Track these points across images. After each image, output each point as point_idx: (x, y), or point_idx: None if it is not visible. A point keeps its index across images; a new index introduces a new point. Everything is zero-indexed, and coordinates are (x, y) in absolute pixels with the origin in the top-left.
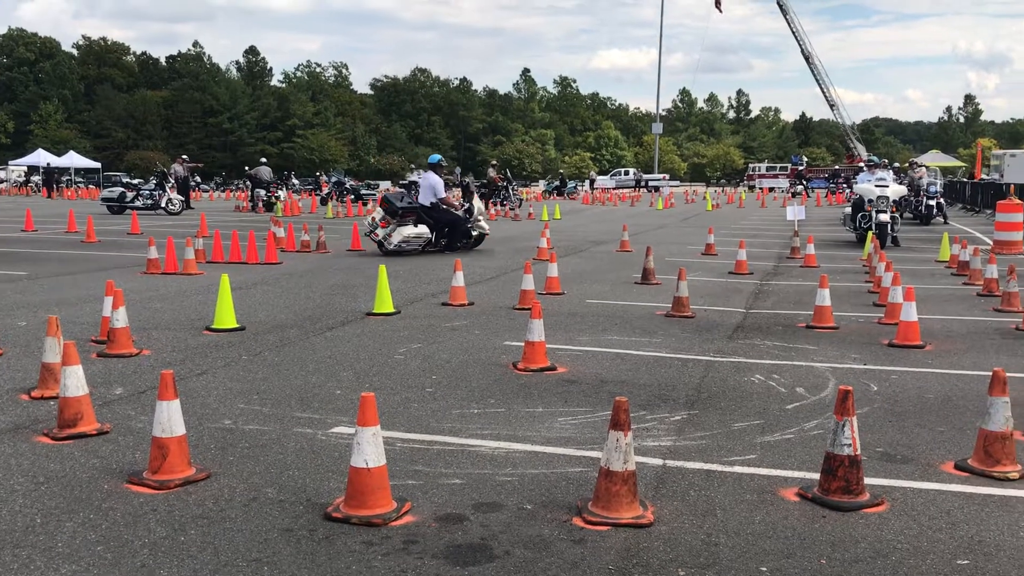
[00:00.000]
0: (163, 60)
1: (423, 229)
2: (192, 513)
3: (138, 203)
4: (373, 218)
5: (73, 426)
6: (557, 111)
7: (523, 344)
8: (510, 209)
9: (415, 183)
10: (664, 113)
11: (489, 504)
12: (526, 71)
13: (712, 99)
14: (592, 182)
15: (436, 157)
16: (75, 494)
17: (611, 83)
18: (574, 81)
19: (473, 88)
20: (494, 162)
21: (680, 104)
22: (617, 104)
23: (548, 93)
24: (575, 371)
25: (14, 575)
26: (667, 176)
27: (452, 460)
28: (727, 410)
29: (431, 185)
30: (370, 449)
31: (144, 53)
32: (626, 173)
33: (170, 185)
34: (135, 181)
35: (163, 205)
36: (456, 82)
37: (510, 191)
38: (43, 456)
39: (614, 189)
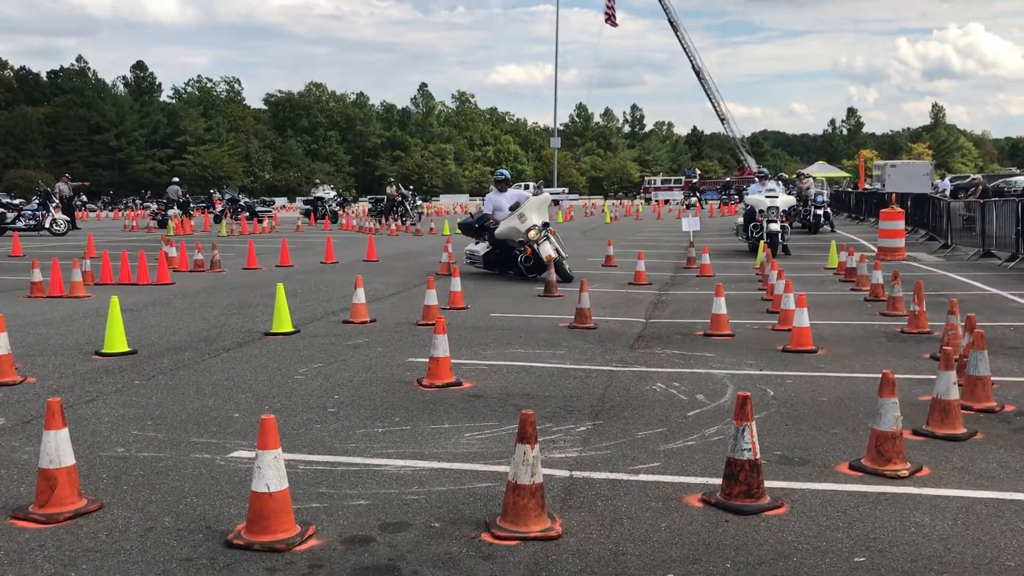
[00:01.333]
0: (44, 75)
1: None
2: (83, 547)
3: (20, 224)
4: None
5: None
6: (456, 126)
7: (427, 360)
8: (411, 224)
9: (320, 199)
10: (562, 127)
11: (396, 524)
12: (424, 86)
13: (608, 114)
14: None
15: (503, 172)
16: None
17: (509, 98)
18: (472, 96)
19: (370, 103)
20: (391, 179)
21: (577, 119)
22: (516, 119)
23: (447, 108)
24: (480, 385)
25: None
26: (566, 190)
27: (357, 481)
28: (631, 419)
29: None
30: (271, 473)
31: (23, 68)
32: (526, 187)
33: (54, 205)
34: (16, 201)
35: (47, 226)
36: (353, 97)
37: (407, 207)
38: None
39: None
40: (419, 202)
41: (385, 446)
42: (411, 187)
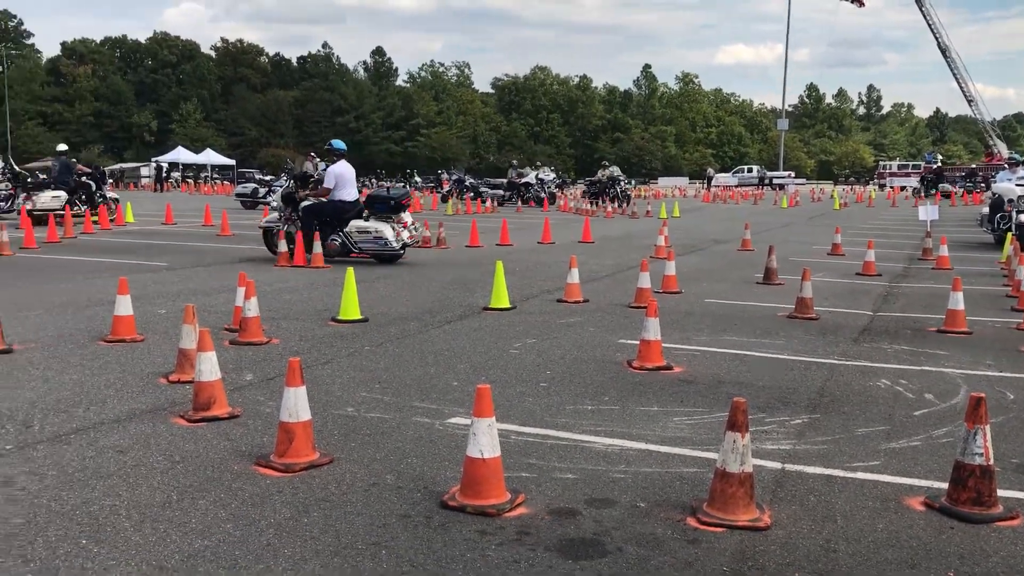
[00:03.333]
0: (295, 61)
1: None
2: (315, 496)
3: (270, 198)
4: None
5: (207, 409)
6: (678, 107)
7: (638, 342)
8: (624, 206)
9: (528, 184)
10: (790, 109)
11: (602, 500)
12: (647, 67)
13: (841, 95)
14: (710, 179)
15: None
16: (207, 474)
17: (735, 79)
18: (696, 77)
19: (593, 85)
20: (605, 162)
21: (807, 100)
22: (741, 100)
23: (669, 89)
24: (691, 371)
25: (152, 547)
26: (792, 174)
27: (566, 455)
28: (851, 415)
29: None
30: (485, 440)
31: (277, 54)
32: (749, 170)
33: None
34: (267, 177)
35: None
36: (576, 80)
37: (617, 189)
38: (179, 437)
39: (736, 187)
40: (625, 184)
41: (594, 424)
42: (606, 167)
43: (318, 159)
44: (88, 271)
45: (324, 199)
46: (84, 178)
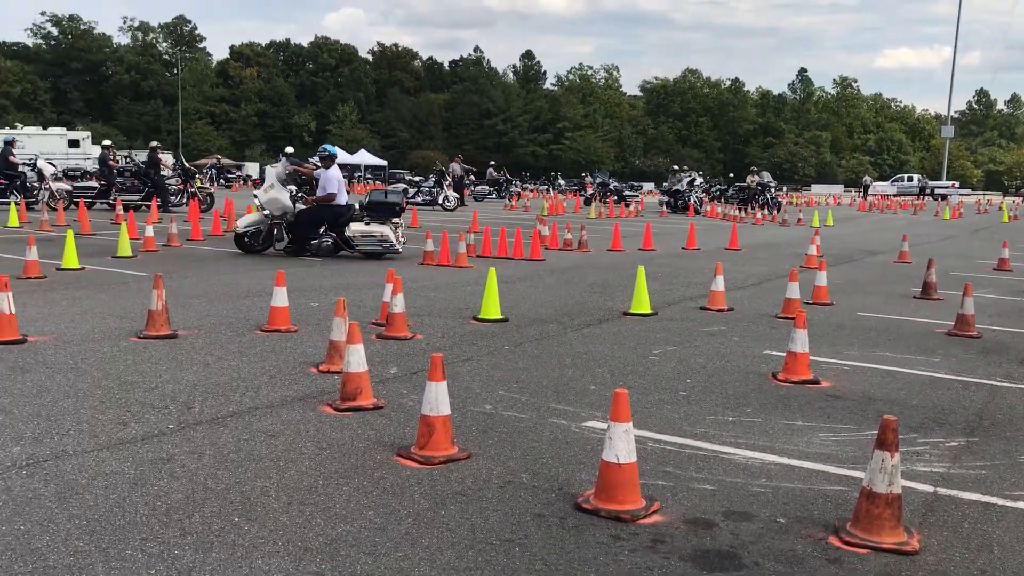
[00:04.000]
0: (446, 64)
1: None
2: (452, 490)
3: (418, 199)
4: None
5: (353, 399)
6: (835, 112)
7: (784, 354)
8: (774, 213)
9: (678, 191)
10: (956, 115)
11: (740, 513)
12: (803, 71)
13: (1015, 100)
14: (866, 188)
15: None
16: (352, 462)
17: (896, 84)
18: (855, 81)
19: (745, 89)
20: (754, 167)
21: (976, 106)
22: (902, 105)
23: (826, 94)
24: (840, 386)
25: (298, 528)
26: (956, 184)
27: (704, 465)
28: (1013, 440)
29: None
30: (621, 445)
31: (430, 58)
32: (909, 179)
33: (447, 183)
34: (416, 178)
35: (440, 201)
36: (727, 83)
37: (768, 196)
38: (326, 425)
39: (895, 196)
40: (775, 191)
41: (734, 435)
42: (756, 172)
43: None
44: (248, 264)
45: (321, 203)
46: (166, 171)
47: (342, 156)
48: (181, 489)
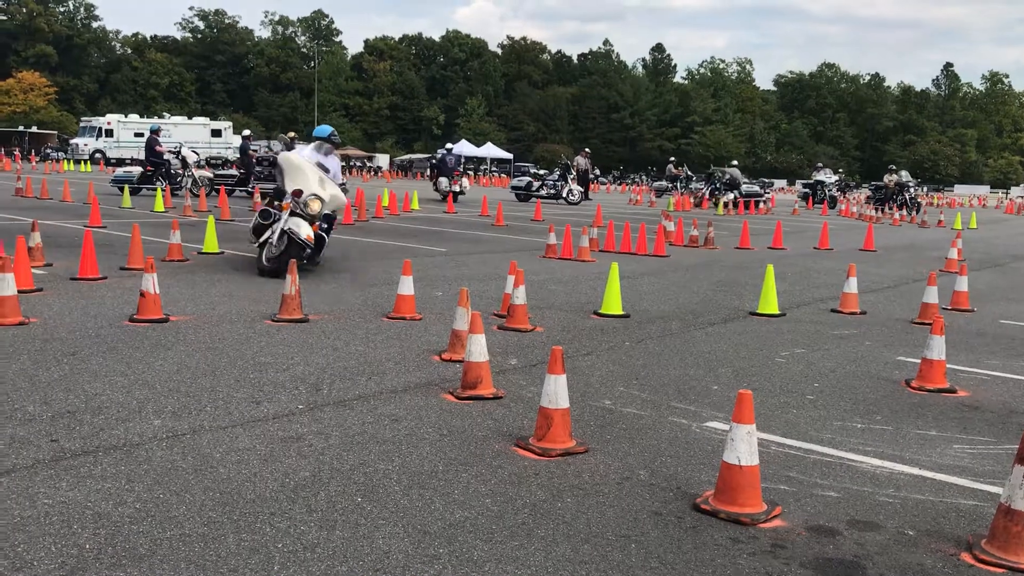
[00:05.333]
0: (575, 58)
1: None
2: (569, 483)
3: (542, 192)
4: None
5: (474, 388)
6: (982, 109)
7: (919, 361)
8: (913, 214)
9: (820, 182)
10: None
11: (865, 523)
12: (948, 65)
13: None
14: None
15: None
16: (471, 449)
17: None
18: (1006, 76)
19: (885, 84)
20: (892, 166)
21: None
22: None
23: (973, 90)
24: (978, 396)
25: (418, 511)
26: None
27: (829, 472)
28: None
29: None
30: (743, 447)
31: (559, 51)
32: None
33: (572, 177)
34: (541, 172)
35: (564, 195)
36: (866, 78)
37: (906, 196)
38: (447, 412)
39: None
40: (914, 190)
41: (863, 443)
42: (894, 171)
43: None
44: (376, 253)
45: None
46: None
47: (469, 149)
48: (308, 468)
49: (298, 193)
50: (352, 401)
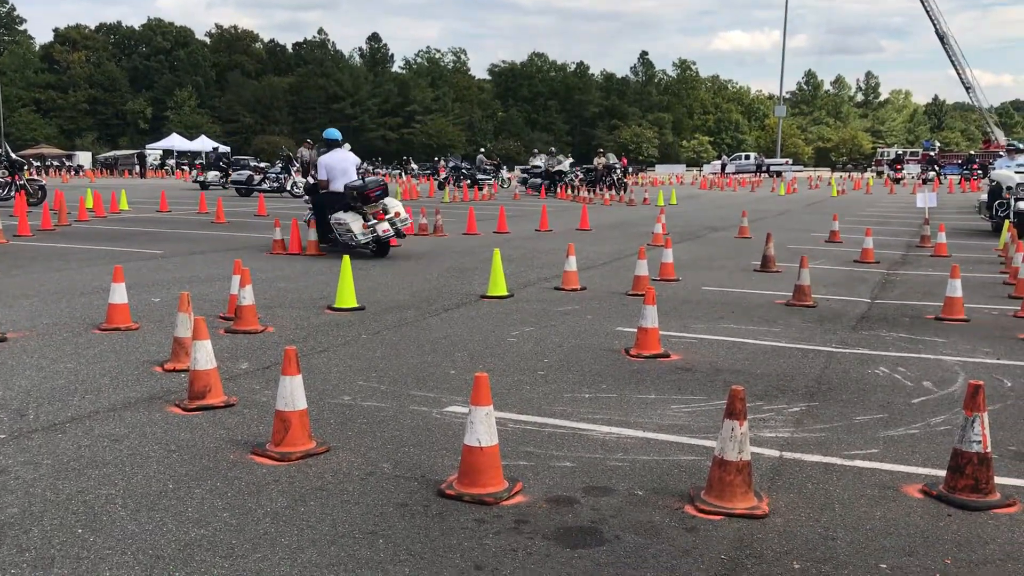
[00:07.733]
0: (290, 47)
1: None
2: (312, 485)
3: (265, 186)
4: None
5: (203, 397)
6: (675, 95)
7: (636, 330)
8: (621, 194)
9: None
10: (788, 96)
11: (600, 488)
12: (644, 54)
13: (839, 81)
14: (724, 167)
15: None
16: (203, 463)
17: (732, 65)
18: (693, 64)
19: (590, 72)
20: (601, 149)
21: (805, 87)
22: (738, 87)
23: (667, 76)
24: (689, 359)
25: (149, 535)
26: (790, 161)
27: (563, 443)
28: (848, 403)
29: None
30: (483, 428)
31: (272, 40)
32: (747, 157)
33: (295, 168)
34: (262, 165)
35: (288, 188)
36: (573, 67)
37: (614, 177)
38: (174, 425)
39: (734, 174)
40: (620, 172)
41: (591, 412)
42: (603, 154)
43: (316, 146)
44: (82, 259)
45: (323, 190)
46: None
47: (180, 143)
48: (16, 503)
49: None
50: (64, 424)
